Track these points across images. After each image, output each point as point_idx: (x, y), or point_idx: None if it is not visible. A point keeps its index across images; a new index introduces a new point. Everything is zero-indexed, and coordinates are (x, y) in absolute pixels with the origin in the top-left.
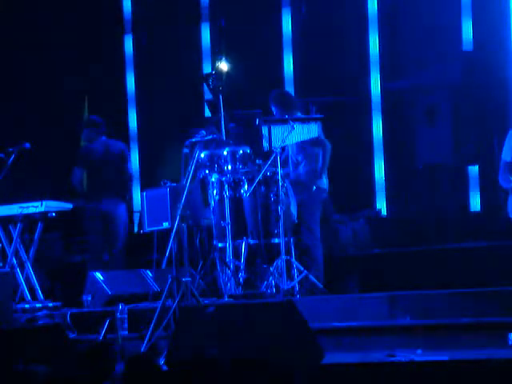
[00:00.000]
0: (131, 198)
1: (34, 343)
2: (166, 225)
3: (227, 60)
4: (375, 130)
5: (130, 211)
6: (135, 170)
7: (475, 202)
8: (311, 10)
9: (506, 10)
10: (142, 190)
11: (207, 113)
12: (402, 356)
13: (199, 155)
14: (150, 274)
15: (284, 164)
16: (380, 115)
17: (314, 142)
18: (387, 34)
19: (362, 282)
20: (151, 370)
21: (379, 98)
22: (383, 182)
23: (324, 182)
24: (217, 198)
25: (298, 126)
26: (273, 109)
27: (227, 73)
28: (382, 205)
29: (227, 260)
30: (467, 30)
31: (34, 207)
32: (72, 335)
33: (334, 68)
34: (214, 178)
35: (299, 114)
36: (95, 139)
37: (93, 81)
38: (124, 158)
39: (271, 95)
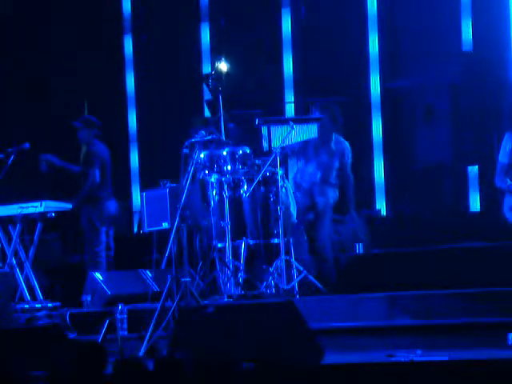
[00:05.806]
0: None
1: (33, 343)
2: (165, 225)
3: (227, 60)
4: (375, 130)
5: (130, 211)
6: (134, 170)
7: (475, 202)
8: (311, 10)
9: (505, 10)
10: (141, 191)
11: (207, 113)
12: (401, 356)
13: (199, 155)
14: (150, 274)
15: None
16: (380, 115)
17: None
18: (387, 34)
19: (362, 281)
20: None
21: (379, 98)
22: (383, 182)
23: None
24: (216, 198)
25: (297, 127)
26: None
27: (227, 73)
28: (381, 205)
29: (227, 260)
30: (467, 29)
31: (34, 207)
32: (72, 335)
33: (334, 68)
34: (213, 178)
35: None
36: (92, 140)
37: (92, 81)
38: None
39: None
